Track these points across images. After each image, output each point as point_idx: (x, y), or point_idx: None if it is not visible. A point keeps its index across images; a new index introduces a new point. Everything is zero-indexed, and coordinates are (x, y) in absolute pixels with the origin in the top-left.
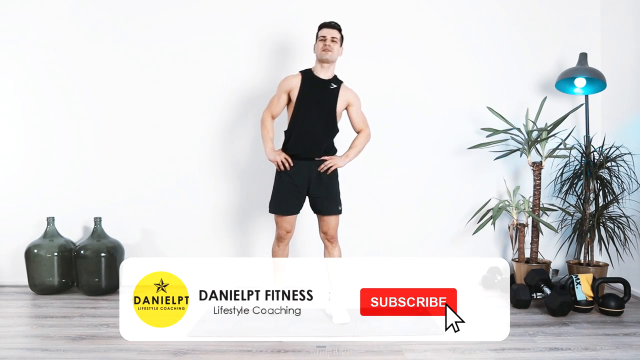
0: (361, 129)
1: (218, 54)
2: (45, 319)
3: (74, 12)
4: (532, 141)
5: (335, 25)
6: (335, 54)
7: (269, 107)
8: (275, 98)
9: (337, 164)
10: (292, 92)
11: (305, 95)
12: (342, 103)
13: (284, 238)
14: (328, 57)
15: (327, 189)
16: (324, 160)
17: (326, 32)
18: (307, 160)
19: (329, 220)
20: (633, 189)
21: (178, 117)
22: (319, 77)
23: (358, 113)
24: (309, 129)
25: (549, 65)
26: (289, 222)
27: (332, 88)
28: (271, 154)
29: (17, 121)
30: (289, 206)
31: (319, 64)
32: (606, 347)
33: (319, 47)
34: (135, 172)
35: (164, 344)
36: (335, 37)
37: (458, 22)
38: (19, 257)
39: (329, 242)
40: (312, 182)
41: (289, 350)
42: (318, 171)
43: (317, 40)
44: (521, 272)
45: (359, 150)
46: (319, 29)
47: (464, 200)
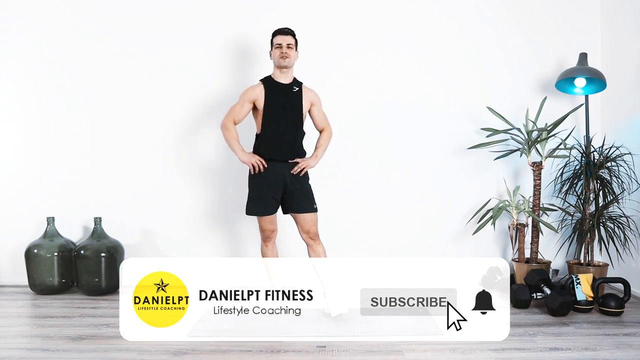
0: (323, 127)
1: (218, 53)
2: (45, 319)
3: (74, 13)
4: (532, 141)
5: (289, 31)
6: (293, 59)
7: (230, 114)
8: (237, 106)
9: (309, 164)
10: (258, 101)
11: (271, 102)
12: (307, 104)
13: (270, 237)
14: (286, 64)
15: (301, 189)
16: (296, 162)
17: (281, 39)
18: (281, 163)
19: (307, 219)
20: (633, 189)
21: (178, 117)
22: (280, 82)
23: (320, 112)
24: (280, 134)
25: (549, 65)
26: (271, 222)
27: (295, 91)
28: (244, 155)
29: (18, 121)
30: (268, 206)
31: (277, 70)
32: (606, 347)
33: (276, 54)
34: (135, 172)
35: (164, 344)
36: (290, 43)
37: (458, 22)
38: (19, 257)
39: (312, 241)
40: (287, 182)
41: (289, 350)
42: (291, 173)
43: (273, 47)
44: (521, 272)
45: (325, 148)
46: (273, 36)
47: (464, 200)
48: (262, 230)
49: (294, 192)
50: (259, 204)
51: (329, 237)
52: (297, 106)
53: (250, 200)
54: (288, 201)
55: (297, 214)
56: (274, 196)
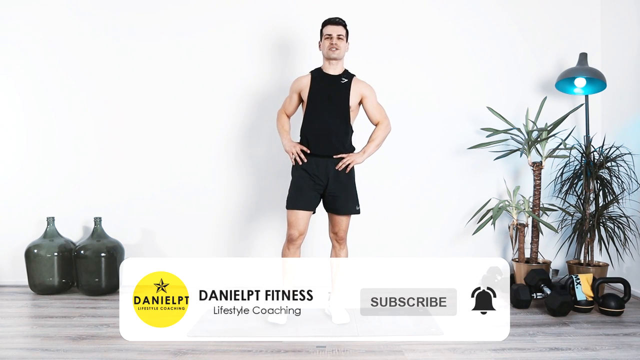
0: (379, 121)
1: (219, 53)
2: (45, 319)
3: (75, 12)
4: (532, 141)
5: (340, 21)
6: (342, 50)
7: (282, 107)
8: (287, 99)
9: (355, 160)
10: (303, 91)
11: (315, 92)
12: (355, 96)
13: (296, 240)
14: (336, 56)
15: (345, 188)
16: (341, 158)
17: (331, 29)
18: (324, 158)
19: (343, 221)
20: (633, 189)
21: (178, 118)
22: (329, 73)
23: (373, 104)
24: (323, 125)
25: (549, 65)
26: (303, 220)
27: (343, 82)
28: (288, 144)
29: (18, 121)
30: (307, 201)
31: (327, 61)
32: (606, 347)
33: (326, 45)
34: (135, 172)
35: (164, 344)
36: (341, 34)
37: (458, 22)
38: (19, 257)
39: (337, 243)
40: (329, 180)
41: (289, 350)
42: (336, 169)
43: (323, 38)
44: (521, 272)
45: (378, 143)
46: (323, 26)
47: (464, 200)
48: (290, 229)
49: (337, 190)
50: (300, 198)
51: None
52: (343, 98)
53: (291, 193)
54: (330, 200)
55: (337, 215)
56: (314, 192)
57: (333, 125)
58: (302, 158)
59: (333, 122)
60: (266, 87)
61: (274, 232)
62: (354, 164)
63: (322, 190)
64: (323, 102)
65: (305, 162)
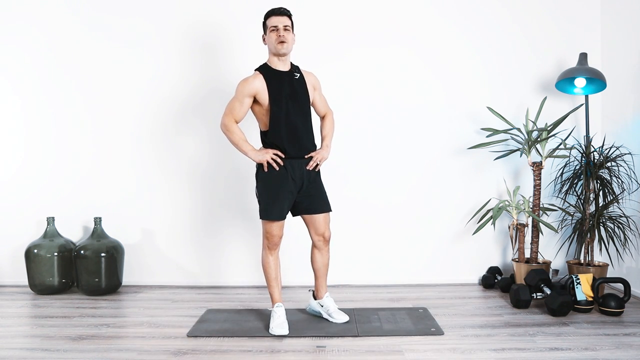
0: (325, 112)
1: (217, 53)
2: (45, 319)
3: (73, 12)
4: (532, 141)
5: (285, 11)
6: (291, 43)
7: (229, 114)
8: (236, 103)
9: (324, 156)
10: (259, 94)
11: (276, 94)
12: (311, 89)
13: (277, 244)
14: (285, 51)
15: (318, 187)
16: (311, 157)
17: (276, 20)
18: (298, 159)
19: (323, 220)
20: (633, 189)
21: (178, 118)
22: (280, 70)
23: (321, 96)
24: (293, 126)
25: (549, 65)
26: (281, 227)
27: (297, 78)
28: (257, 154)
29: (17, 121)
30: (285, 209)
31: (275, 57)
32: (606, 347)
33: (272, 39)
34: (135, 172)
35: (164, 344)
36: (287, 25)
37: (458, 22)
38: (19, 257)
39: (323, 245)
40: (304, 181)
41: (289, 350)
42: (307, 170)
43: (268, 30)
44: (521, 272)
45: (332, 136)
46: (267, 17)
47: (464, 200)
48: (269, 237)
49: (313, 190)
50: (277, 207)
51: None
52: (303, 94)
53: (266, 203)
54: (302, 202)
55: (313, 215)
56: (290, 197)
57: (302, 123)
58: (279, 162)
59: (301, 121)
60: None
61: None
62: (324, 160)
63: (296, 193)
64: (286, 102)
65: (281, 166)
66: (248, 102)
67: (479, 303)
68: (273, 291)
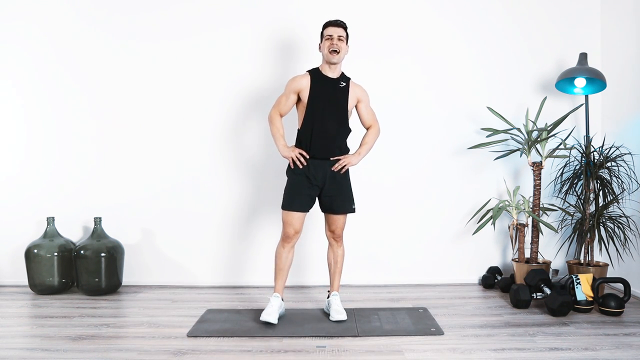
0: (370, 125)
1: (218, 52)
2: (45, 319)
3: (76, 11)
4: (532, 141)
5: (341, 23)
6: (343, 53)
7: (276, 106)
8: (283, 97)
9: (351, 162)
10: (302, 92)
11: (316, 95)
12: (353, 100)
13: (292, 239)
14: (336, 60)
15: (341, 188)
16: (337, 159)
17: (332, 30)
18: (322, 160)
19: (340, 220)
20: (633, 189)
21: (178, 118)
22: (328, 76)
23: (367, 109)
24: (323, 129)
25: (549, 65)
26: (299, 220)
27: (342, 86)
28: (285, 150)
29: (18, 121)
30: (304, 202)
31: (326, 64)
32: (606, 347)
33: (326, 46)
34: (135, 172)
35: (164, 344)
36: (341, 35)
37: (458, 22)
38: (19, 257)
39: (335, 241)
40: (326, 181)
41: (289, 350)
42: (332, 170)
43: (323, 39)
44: (521, 272)
45: (370, 146)
46: (324, 27)
47: (464, 200)
48: (286, 228)
49: (334, 191)
50: (296, 199)
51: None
52: (342, 102)
53: (287, 194)
54: (327, 200)
55: (334, 215)
56: (311, 193)
57: (333, 128)
58: (302, 162)
59: (333, 126)
60: (262, 88)
61: (273, 231)
62: (350, 165)
63: (319, 191)
64: (324, 105)
65: (304, 165)
66: (293, 98)
67: (479, 303)
68: (277, 281)
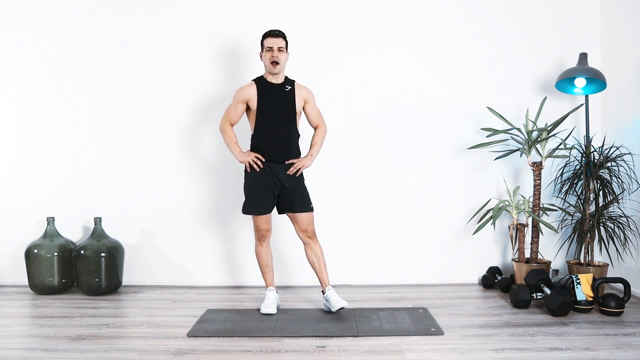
0: (317, 124)
1: (218, 55)
2: (45, 319)
3: (75, 13)
4: (532, 141)
5: (280, 33)
6: (283, 63)
7: (226, 116)
8: (232, 107)
9: (305, 164)
10: (250, 101)
11: (264, 102)
12: (300, 102)
13: (265, 237)
14: (277, 71)
15: (298, 189)
16: (292, 163)
17: (272, 42)
18: (277, 163)
19: (304, 218)
20: (633, 189)
21: (178, 118)
22: (272, 82)
23: (313, 108)
24: (275, 133)
25: (549, 65)
26: (266, 221)
27: (287, 90)
28: (241, 155)
29: (18, 121)
30: (263, 206)
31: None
32: (606, 347)
33: (267, 57)
34: (135, 172)
35: (164, 344)
36: (281, 46)
37: (458, 22)
38: (19, 257)
39: (309, 240)
40: (283, 184)
41: (289, 350)
42: (287, 174)
43: (264, 50)
44: (521, 272)
45: (320, 146)
46: (264, 37)
47: (464, 200)
48: (257, 230)
49: (291, 193)
50: (255, 204)
51: (329, 237)
52: (290, 105)
53: (247, 199)
54: (284, 201)
55: (293, 213)
56: (269, 196)
57: (283, 131)
58: (259, 165)
59: (283, 129)
60: None
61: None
62: (304, 168)
63: (277, 193)
64: (272, 110)
65: (261, 168)
66: (242, 107)
67: (479, 303)
68: (265, 277)
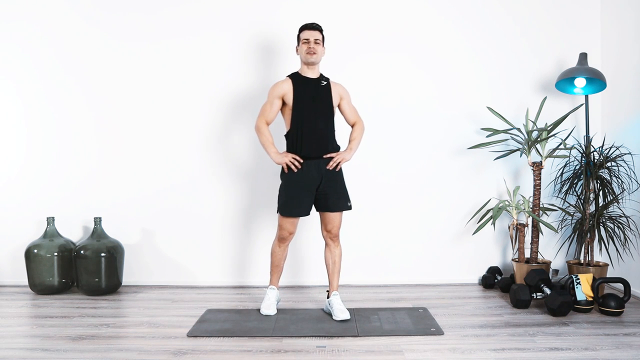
0: (355, 121)
1: (219, 53)
2: (45, 319)
3: (76, 12)
4: (532, 141)
5: (317, 26)
6: (320, 55)
7: (261, 115)
8: (267, 105)
9: (345, 158)
10: (286, 96)
11: (301, 96)
12: (336, 97)
13: (287, 239)
14: (313, 60)
15: (337, 186)
16: (331, 157)
17: (308, 34)
18: (315, 159)
19: (336, 218)
20: (633, 189)
21: (178, 118)
22: (308, 77)
23: (349, 105)
24: (312, 128)
25: (549, 65)
26: (294, 224)
27: (324, 84)
28: (277, 157)
29: (18, 121)
30: (303, 207)
31: (305, 66)
32: (606, 347)
33: (303, 50)
34: (135, 172)
35: (164, 344)
36: (317, 38)
37: (458, 22)
38: (19, 257)
39: (331, 241)
40: (322, 180)
41: (289, 350)
42: (327, 169)
43: (300, 43)
44: (521, 272)
45: (358, 141)
46: (300, 31)
47: (464, 200)
48: (281, 230)
49: (329, 189)
50: (295, 205)
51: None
52: (327, 99)
53: (283, 200)
54: (322, 198)
55: (329, 212)
56: (308, 196)
57: (321, 126)
58: (297, 165)
59: (321, 124)
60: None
61: (273, 232)
62: (344, 161)
63: (315, 192)
64: (309, 105)
65: (299, 169)
66: (277, 103)
67: (479, 303)
68: (272, 276)
